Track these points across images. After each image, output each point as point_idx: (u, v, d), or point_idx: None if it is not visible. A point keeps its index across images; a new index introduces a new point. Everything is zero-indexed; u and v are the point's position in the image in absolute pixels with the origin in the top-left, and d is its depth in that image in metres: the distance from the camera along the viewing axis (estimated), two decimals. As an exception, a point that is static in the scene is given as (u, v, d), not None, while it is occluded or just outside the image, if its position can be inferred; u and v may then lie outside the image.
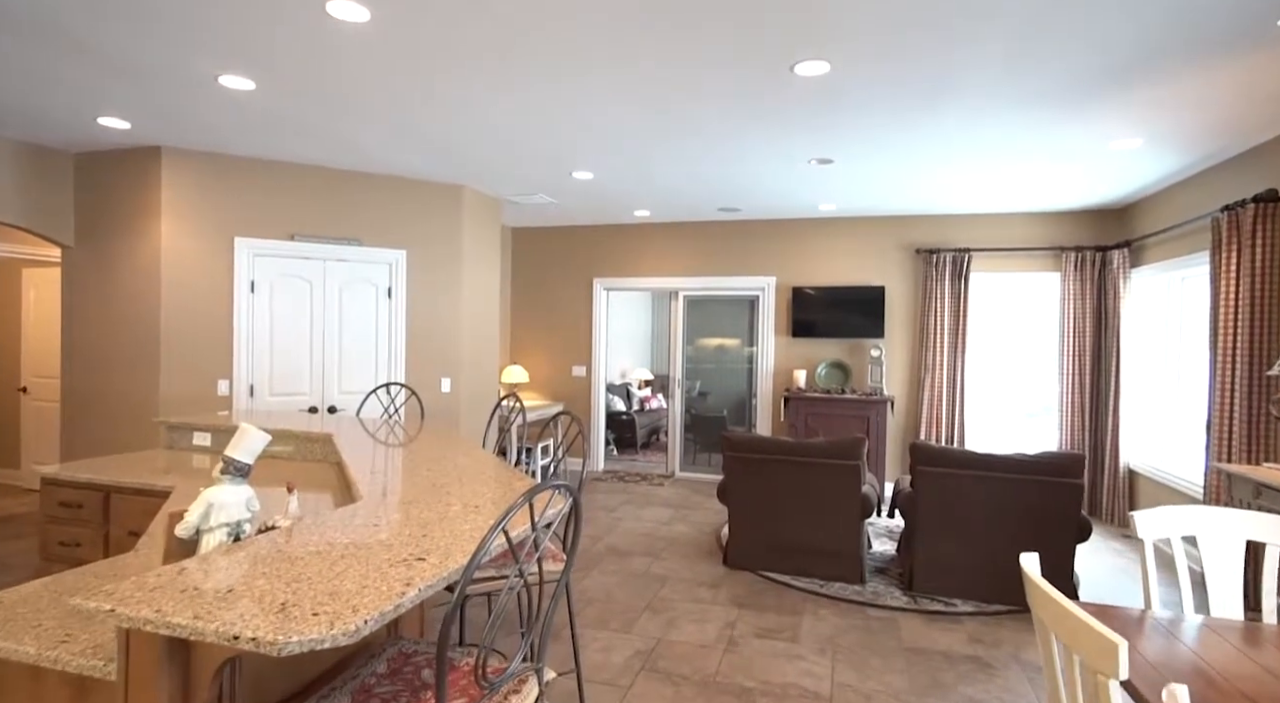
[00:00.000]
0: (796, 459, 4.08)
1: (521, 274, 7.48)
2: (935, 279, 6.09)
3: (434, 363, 5.24)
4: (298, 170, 4.72)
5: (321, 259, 4.83)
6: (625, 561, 4.42)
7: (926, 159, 4.36)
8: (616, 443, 8.94)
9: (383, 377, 5.06)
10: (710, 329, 7.17)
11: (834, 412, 6.14)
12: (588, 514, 5.56)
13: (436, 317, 5.25)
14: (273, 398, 4.68)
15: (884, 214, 6.29)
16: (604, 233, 7.19)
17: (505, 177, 5.06)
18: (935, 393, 6.10)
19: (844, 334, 6.38)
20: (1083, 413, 5.76)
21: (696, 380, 7.41)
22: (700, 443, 7.48)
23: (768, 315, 6.70)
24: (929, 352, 6.11)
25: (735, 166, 4.66)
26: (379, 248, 5.02)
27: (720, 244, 6.83)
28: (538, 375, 7.42)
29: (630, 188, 5.39)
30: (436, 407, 5.24)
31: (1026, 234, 6.01)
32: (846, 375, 6.39)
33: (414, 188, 5.14)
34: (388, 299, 5.07)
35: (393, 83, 3.23)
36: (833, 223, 6.49)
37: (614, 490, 6.41)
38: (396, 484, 2.08)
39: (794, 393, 6.27)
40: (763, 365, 6.73)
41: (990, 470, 3.70)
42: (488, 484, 2.09)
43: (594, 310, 7.23)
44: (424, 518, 1.69)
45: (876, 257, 6.40)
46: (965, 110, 3.46)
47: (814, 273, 6.57)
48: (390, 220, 5.06)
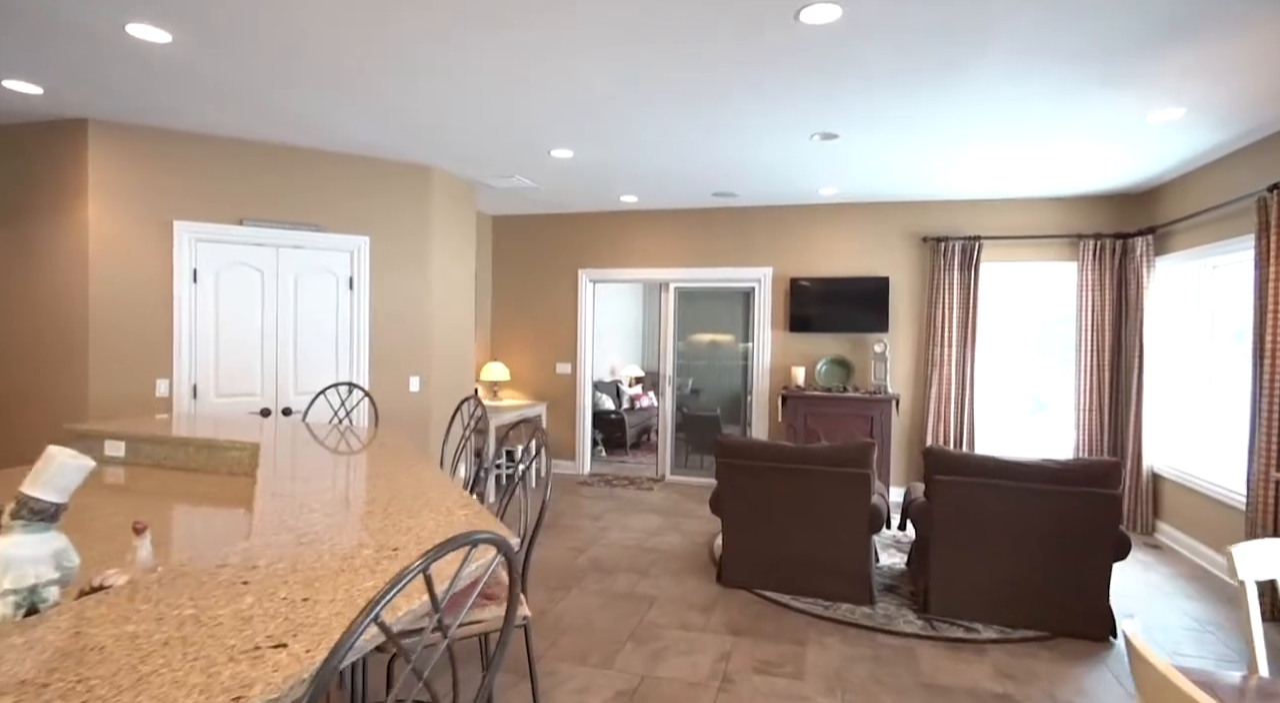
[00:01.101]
0: (798, 467, 3.67)
1: (503, 265, 7.04)
2: (943, 269, 5.69)
3: (401, 360, 4.80)
4: (245, 148, 4.27)
5: (274, 246, 4.38)
6: (609, 578, 4.01)
7: (940, 135, 3.95)
8: (605, 443, 8.52)
9: (344, 375, 4.62)
10: (703, 323, 6.76)
11: (835, 411, 5.74)
12: (571, 522, 5.14)
13: (404, 309, 4.81)
14: (219, 399, 4.23)
15: (889, 200, 5.88)
16: (590, 221, 6.75)
17: (478, 156, 4.62)
18: (943, 391, 5.71)
19: (845, 328, 5.98)
20: (1101, 412, 5.38)
21: (689, 377, 7.00)
22: (692, 444, 7.07)
23: (764, 309, 6.29)
24: (936, 347, 5.71)
25: (731, 143, 4.23)
26: (339, 234, 4.57)
27: (714, 233, 6.41)
28: (520, 373, 6.99)
29: (615, 169, 4.95)
30: (404, 408, 4.81)
31: (1041, 221, 5.61)
32: (848, 373, 5.99)
33: (377, 168, 4.69)
34: (349, 290, 4.63)
35: (342, 38, 2.79)
36: (834, 209, 6.08)
37: (600, 496, 5.99)
38: (307, 514, 1.65)
39: (792, 391, 5.87)
40: (759, 362, 6.32)
41: (1016, 480, 3.29)
42: (422, 514, 1.67)
43: (580, 304, 6.80)
44: (316, 569, 1.26)
45: (881, 246, 5.99)
46: (990, 76, 3.04)
47: (814, 263, 6.16)
48: (351, 204, 4.62)
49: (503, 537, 1.00)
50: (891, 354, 5.94)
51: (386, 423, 4.73)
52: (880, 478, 5.66)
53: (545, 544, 4.59)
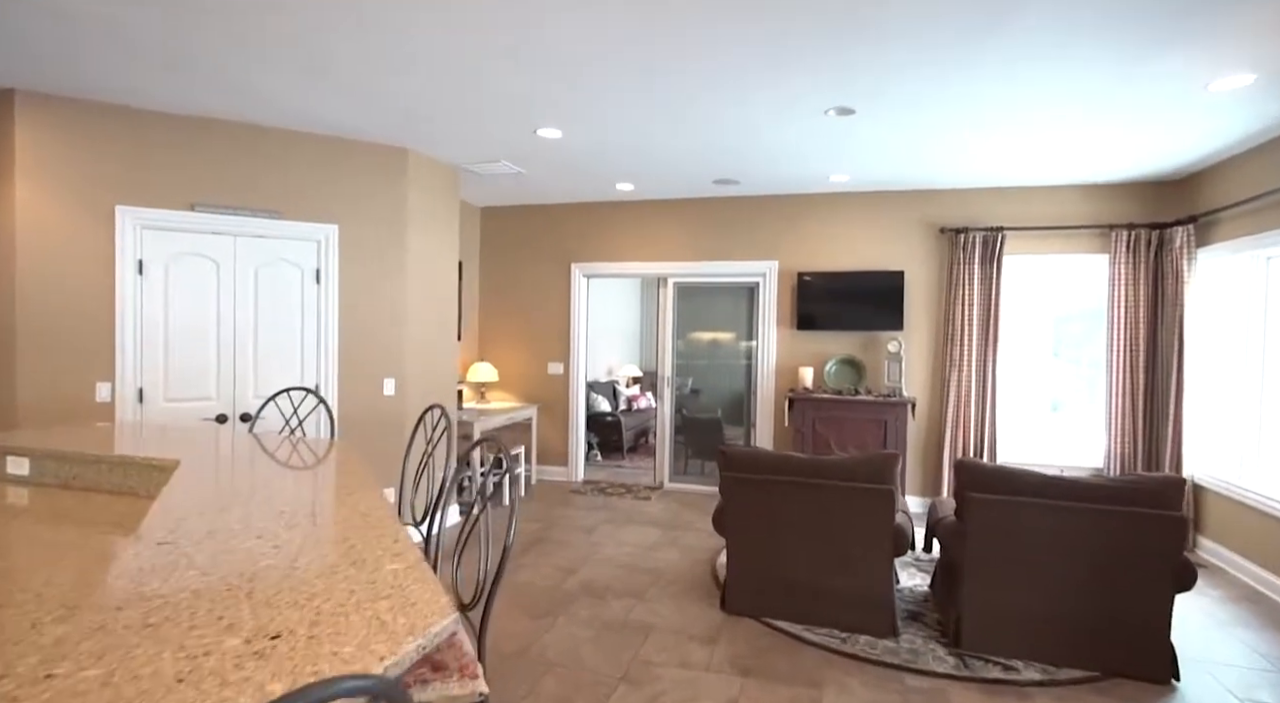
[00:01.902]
0: (813, 482, 3.26)
1: (491, 259, 6.63)
2: (963, 263, 5.28)
3: (374, 361, 4.39)
4: (198, 125, 3.85)
5: (231, 235, 3.96)
6: (601, 603, 3.60)
7: (966, 109, 3.54)
8: (600, 447, 8.12)
9: (310, 377, 4.21)
10: (704, 321, 6.36)
11: (846, 415, 5.34)
12: (561, 537, 4.73)
13: (377, 305, 4.40)
14: (169, 404, 3.82)
15: (904, 188, 5.47)
16: (583, 212, 6.34)
17: (458, 137, 4.21)
18: (962, 393, 5.30)
19: (857, 326, 5.57)
20: (1134, 416, 4.98)
21: (688, 377, 6.59)
22: (692, 448, 6.66)
23: (769, 305, 5.88)
24: (955, 346, 5.30)
25: (736, 121, 3.82)
26: (304, 222, 4.16)
27: (715, 224, 6.00)
28: (509, 374, 6.57)
29: (608, 153, 4.54)
30: (377, 414, 4.39)
31: (1069, 210, 5.20)
32: (860, 374, 5.59)
33: (347, 150, 4.27)
34: (315, 284, 4.22)
35: (305, 1, 2.38)
36: (845, 199, 5.67)
37: (594, 506, 5.58)
38: (181, 572, 1.24)
39: (800, 393, 5.46)
40: (763, 362, 5.91)
41: (1063, 498, 2.89)
42: (338, 572, 1.26)
43: (572, 300, 6.39)
44: (142, 680, 0.85)
45: (895, 237, 5.58)
46: (1026, 34, 2.64)
47: (823, 257, 5.75)
48: (318, 189, 4.20)
49: (386, 682, 0.59)
50: (906, 354, 5.53)
51: (357, 430, 4.33)
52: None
53: (532, 564, 4.19)
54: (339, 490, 1.90)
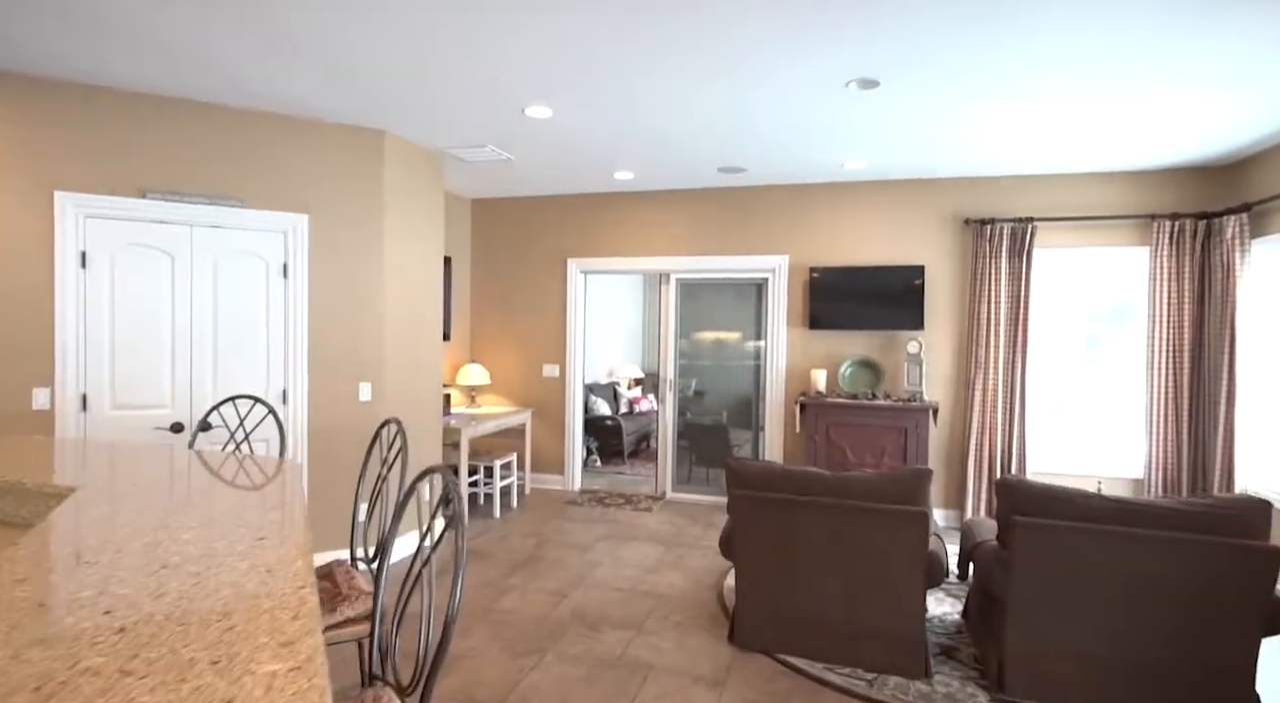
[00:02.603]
0: (835, 503, 2.87)
1: (483, 255, 6.25)
2: (989, 256, 4.88)
3: (348, 363, 4.01)
4: (149, 104, 3.48)
5: (188, 225, 3.59)
6: (594, 636, 3.22)
7: (1003, 81, 3.14)
8: (600, 452, 7.75)
9: (276, 381, 3.83)
10: (709, 320, 5.97)
11: (862, 421, 4.94)
12: (554, 555, 4.35)
13: (351, 302, 4.02)
14: (117, 412, 3.45)
15: (925, 176, 5.07)
16: (580, 204, 5.95)
17: (438, 117, 3.83)
18: (988, 398, 4.90)
19: (874, 326, 5.17)
20: (1177, 422, 4.57)
21: (692, 379, 6.19)
22: (697, 455, 6.27)
23: (779, 303, 5.49)
24: (980, 347, 4.91)
25: (745, 98, 3.43)
26: (270, 211, 3.78)
27: (721, 216, 5.61)
28: (502, 376, 6.20)
29: (603, 136, 4.15)
30: (351, 421, 4.02)
31: (1105, 199, 4.79)
32: (877, 376, 5.19)
33: (317, 132, 3.89)
34: (283, 279, 3.84)
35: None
36: (861, 188, 5.27)
37: (591, 518, 5.20)
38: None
39: (812, 398, 5.07)
40: (773, 364, 5.52)
41: (1126, 524, 2.49)
42: (180, 683, 0.88)
43: (569, 298, 6.00)
44: None
45: (915, 230, 5.18)
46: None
47: (837, 250, 5.35)
48: (286, 175, 3.82)
49: None
50: (927, 355, 5.13)
51: (328, 440, 3.95)
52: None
53: (520, 587, 3.81)
54: (255, 531, 1.52)
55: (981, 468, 4.93)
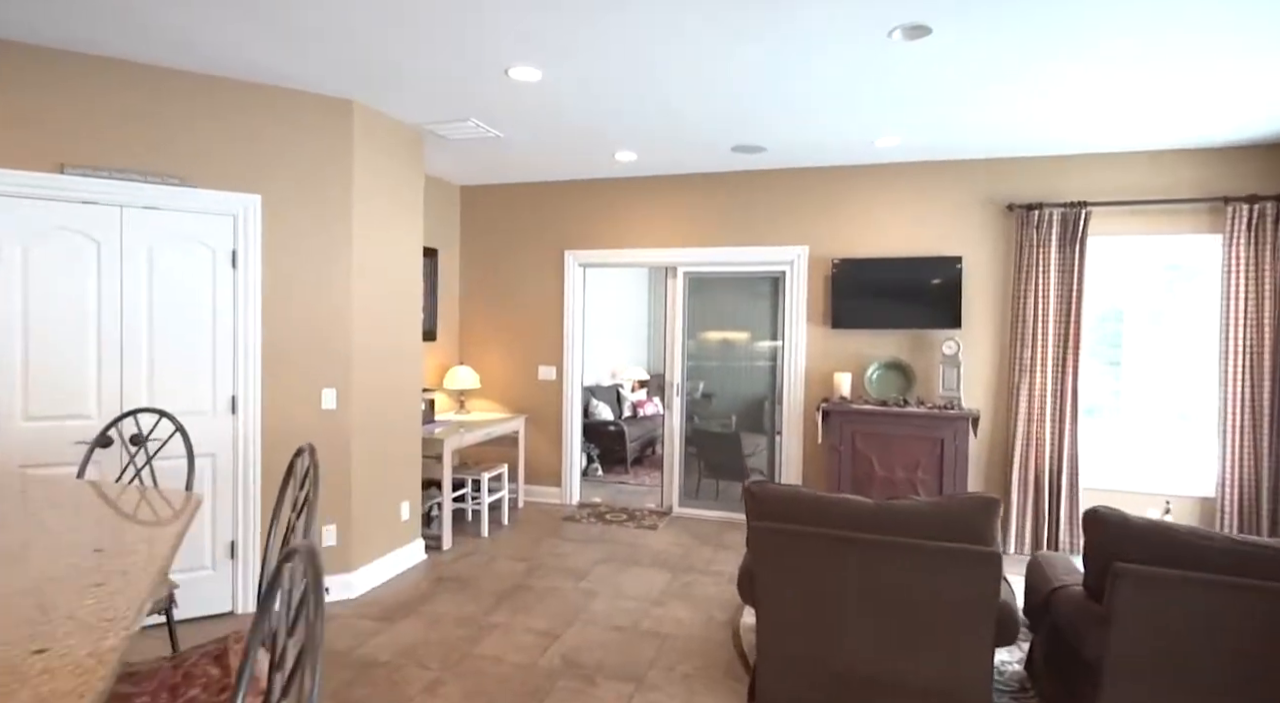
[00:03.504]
0: (880, 540, 2.34)
1: (473, 246, 5.74)
2: (1036, 246, 4.34)
3: (309, 366, 3.51)
4: (71, 63, 2.97)
5: (117, 205, 3.09)
6: (589, 691, 2.70)
7: (1080, 39, 2.60)
8: (601, 459, 7.23)
9: (224, 386, 3.32)
10: (720, 317, 5.44)
11: (893, 431, 4.41)
12: (547, 584, 3.84)
13: (313, 296, 3.51)
14: (31, 424, 2.95)
15: (963, 156, 4.52)
16: (579, 190, 5.44)
17: (411, 82, 3.31)
18: (1035, 405, 4.36)
19: (904, 324, 4.64)
20: (1255, 435, 4.02)
21: (699, 381, 5.66)
22: (706, 465, 5.74)
23: (798, 299, 4.96)
24: (1026, 348, 4.36)
25: (779, 59, 2.90)
26: (216, 190, 3.28)
27: (734, 202, 5.08)
28: (493, 379, 5.69)
29: (601, 106, 3.63)
30: (312, 433, 3.51)
31: (1171, 180, 4.24)
32: (908, 380, 4.65)
33: (273, 101, 3.39)
34: (231, 269, 3.34)
35: None
36: (892, 170, 4.73)
37: (589, 538, 4.68)
38: None
39: (836, 404, 4.54)
40: (791, 366, 4.99)
41: (1266, 577, 1.96)
42: None
43: (567, 293, 5.49)
44: None
45: (952, 216, 4.64)
46: None
47: (863, 240, 4.82)
48: (235, 150, 3.32)
49: None
50: (965, 357, 4.59)
51: (285, 454, 3.44)
52: (955, 520, 4.31)
53: (504, 625, 3.29)
54: (64, 621, 1.01)
55: (1026, 484, 4.40)
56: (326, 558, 3.54)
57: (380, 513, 3.84)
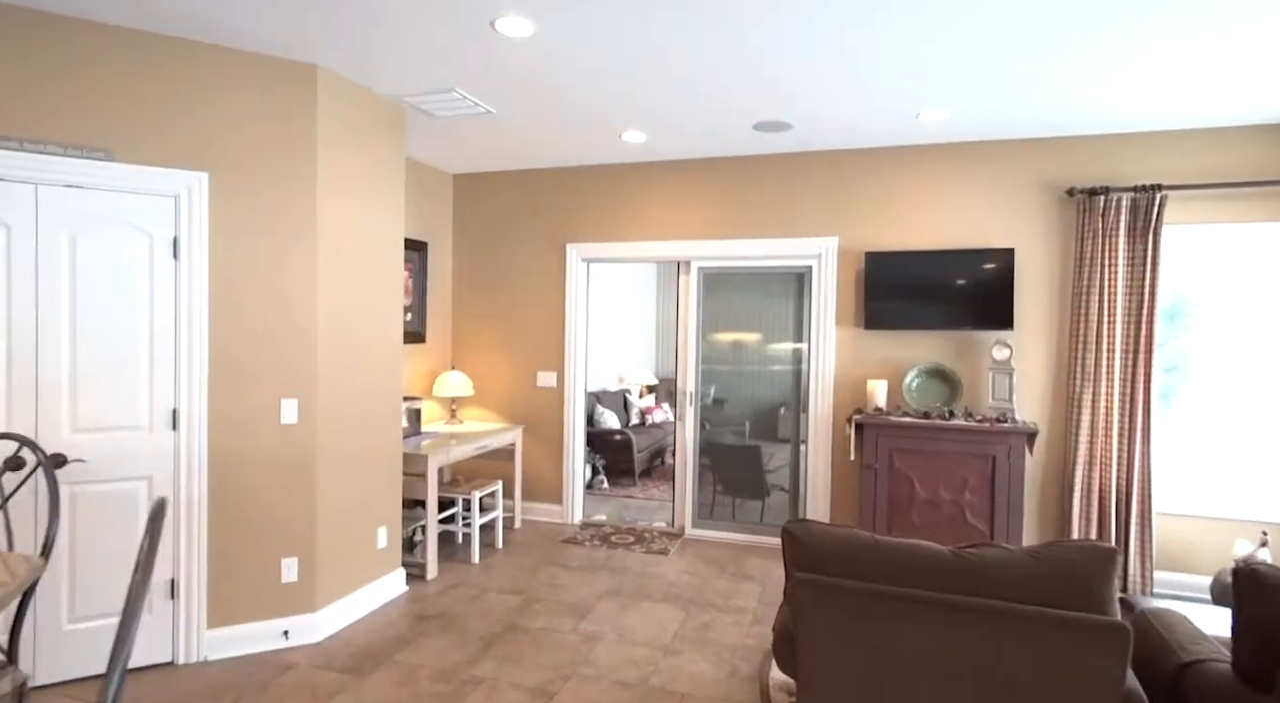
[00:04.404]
0: (961, 601, 1.82)
1: (467, 240, 5.25)
2: (1102, 236, 3.81)
3: (266, 373, 3.01)
4: (-27, 12, 2.50)
5: (30, 183, 2.61)
6: (587, 779, 2.19)
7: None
8: (607, 470, 6.74)
9: (163, 398, 2.84)
10: (737, 318, 4.92)
11: (937, 446, 3.89)
12: (543, 623, 3.34)
13: (271, 292, 3.02)
14: (-77, 443, 2.47)
15: (1017, 136, 4.00)
16: (582, 178, 4.94)
17: (382, 44, 2.82)
18: (1102, 418, 3.83)
19: (947, 325, 4.11)
20: (1361, 454, 3.47)
21: (711, 384, 5.15)
22: (721, 480, 5.23)
23: (826, 297, 4.44)
24: (1089, 352, 3.83)
25: (825, 7, 2.39)
26: (154, 167, 2.79)
27: (755, 190, 4.57)
28: (488, 385, 5.19)
29: (605, 72, 3.13)
30: (268, 451, 3.01)
31: (1264, 160, 3.70)
32: (953, 389, 4.12)
33: (223, 64, 2.90)
34: (172, 259, 2.85)
35: None
36: (935, 152, 4.21)
37: (593, 564, 4.17)
38: None
39: (870, 415, 4.02)
40: (819, 372, 4.47)
41: None
42: None
43: (569, 291, 4.99)
44: None
45: (1003, 203, 4.11)
46: None
47: (900, 231, 4.30)
48: (178, 120, 2.83)
49: None
50: (1018, 362, 4.07)
51: (237, 474, 2.95)
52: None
53: (489, 680, 2.79)
54: None
55: (1089, 510, 3.86)
56: (285, 597, 3.05)
57: (352, 541, 3.35)
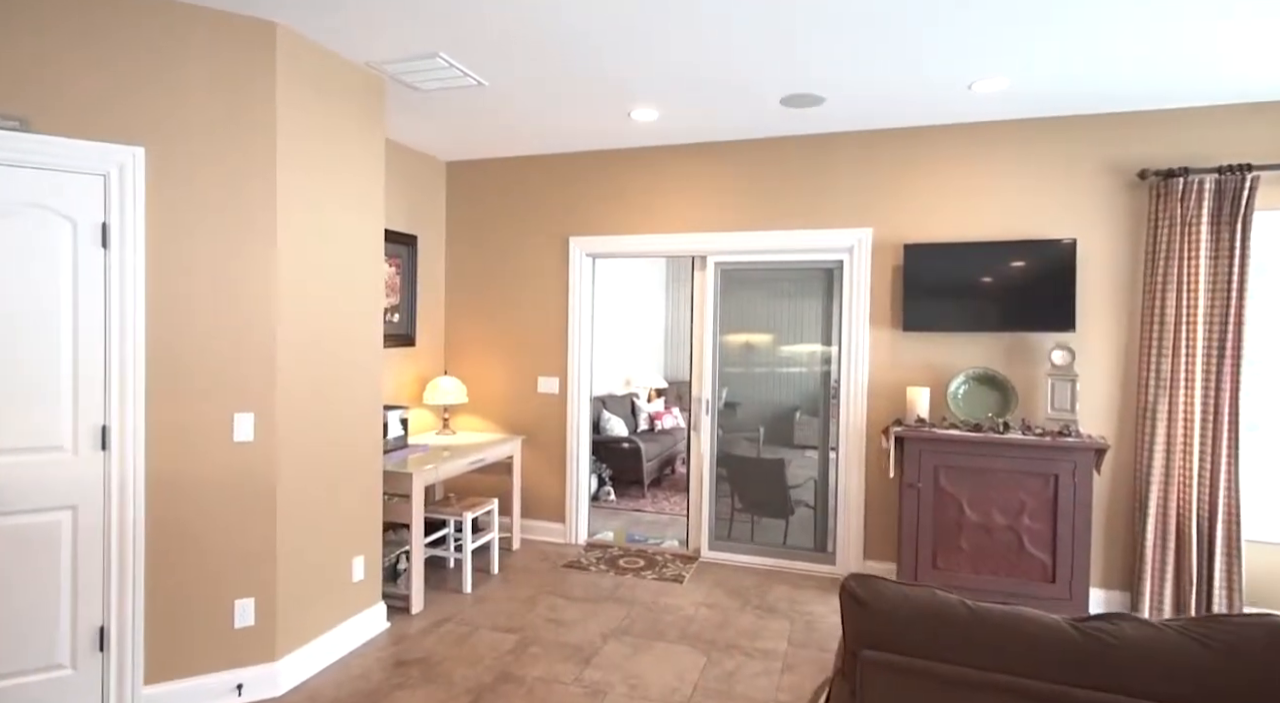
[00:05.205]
0: (1099, 699, 1.35)
1: (460, 234, 4.81)
2: (1180, 225, 3.33)
3: (215, 382, 2.57)
4: None
5: (-74, 157, 2.18)
6: None
7: None
8: (614, 481, 6.29)
9: (90, 413, 2.40)
10: (756, 318, 4.46)
11: (989, 464, 3.42)
12: (540, 671, 2.88)
13: (220, 287, 2.58)
14: None
15: (1080, 111, 3.52)
16: (586, 165, 4.48)
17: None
18: (1178, 432, 3.35)
19: (997, 325, 3.64)
20: None
21: (723, 388, 4.68)
22: (740, 496, 4.76)
23: (859, 294, 3.97)
24: (1165, 357, 3.35)
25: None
26: (78, 139, 2.35)
27: (780, 176, 4.10)
28: (484, 393, 4.74)
29: (615, 25, 2.68)
30: (217, 474, 2.57)
31: (1365, 137, 3.22)
32: (1006, 399, 3.65)
33: (164, 19, 2.46)
34: (100, 249, 2.41)
35: None
36: (986, 130, 3.74)
37: (599, 594, 3.71)
38: None
39: (912, 428, 3.55)
40: (850, 377, 4.00)
41: None
42: None
43: (572, 289, 4.53)
44: None
45: (1062, 188, 3.64)
46: None
47: (943, 220, 3.83)
48: (108, 84, 2.39)
49: None
50: (1081, 368, 3.59)
51: (180, 502, 2.51)
52: (1075, 589, 3.31)
53: (475, 752, 2.34)
54: None
55: (1165, 536, 3.38)
56: (239, 645, 2.60)
57: (321, 575, 2.90)
